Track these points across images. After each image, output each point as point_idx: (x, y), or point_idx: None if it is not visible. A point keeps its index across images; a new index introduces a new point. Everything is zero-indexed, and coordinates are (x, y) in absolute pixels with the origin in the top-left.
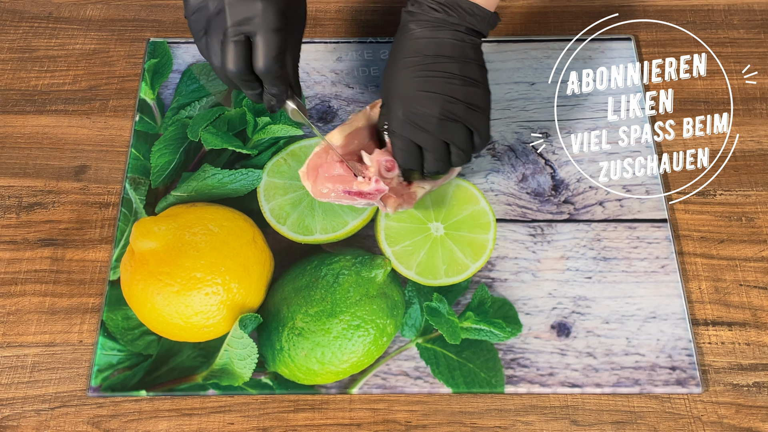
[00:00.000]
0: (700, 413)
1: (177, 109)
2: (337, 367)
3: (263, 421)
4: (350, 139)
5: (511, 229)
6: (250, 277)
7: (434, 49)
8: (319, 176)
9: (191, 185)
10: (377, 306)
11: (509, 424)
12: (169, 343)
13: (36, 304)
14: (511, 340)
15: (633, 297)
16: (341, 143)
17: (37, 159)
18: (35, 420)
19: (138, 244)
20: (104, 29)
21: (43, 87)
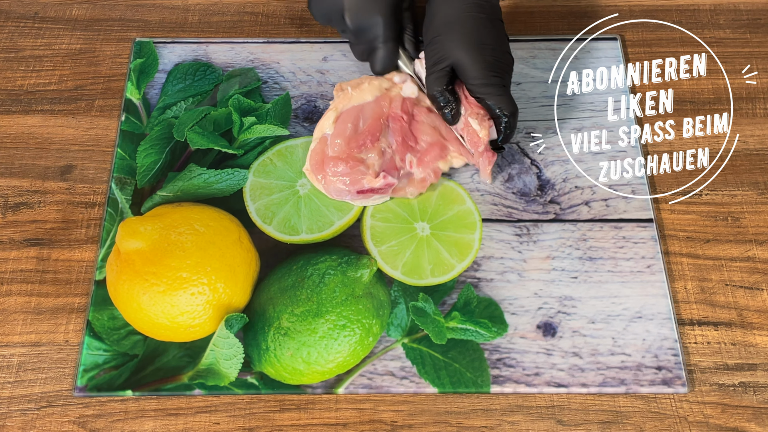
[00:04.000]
0: (686, 413)
1: (163, 108)
2: (323, 367)
3: (249, 421)
4: (343, 124)
5: (497, 229)
6: (236, 277)
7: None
8: (327, 175)
9: (177, 185)
10: (363, 306)
11: (495, 423)
12: (155, 343)
13: (22, 303)
14: (497, 340)
15: (619, 297)
16: (332, 131)
17: (23, 159)
18: (21, 420)
19: (124, 244)
20: (90, 29)
21: (29, 87)
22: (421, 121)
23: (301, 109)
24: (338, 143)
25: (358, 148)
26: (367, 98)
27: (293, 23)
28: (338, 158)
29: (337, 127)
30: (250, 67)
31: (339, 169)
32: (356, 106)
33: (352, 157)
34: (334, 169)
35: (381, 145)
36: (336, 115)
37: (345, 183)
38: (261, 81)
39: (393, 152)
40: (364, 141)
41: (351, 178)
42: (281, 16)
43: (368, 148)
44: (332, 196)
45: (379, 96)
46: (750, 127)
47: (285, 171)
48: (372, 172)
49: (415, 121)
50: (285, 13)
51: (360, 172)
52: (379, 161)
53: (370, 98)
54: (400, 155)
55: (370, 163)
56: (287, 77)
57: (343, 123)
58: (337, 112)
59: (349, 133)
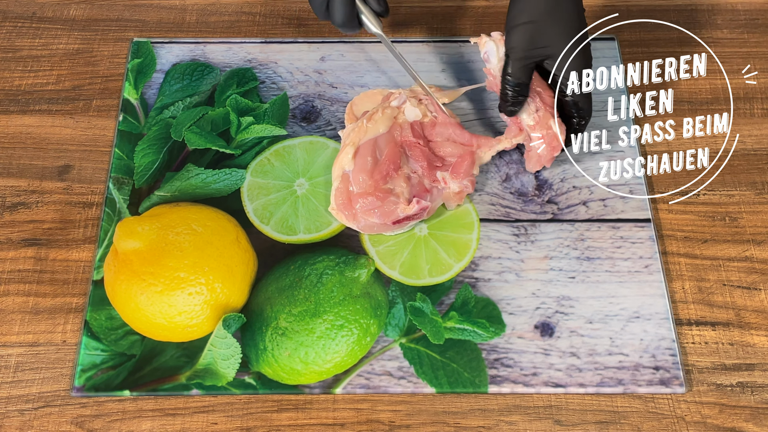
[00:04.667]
0: (684, 413)
1: (160, 108)
2: (320, 366)
3: (247, 421)
4: (362, 158)
5: (495, 229)
6: (234, 277)
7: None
8: (358, 213)
9: (175, 185)
10: (361, 306)
11: (493, 424)
12: (153, 343)
13: (19, 304)
14: (494, 340)
15: (616, 297)
16: (352, 166)
17: (20, 159)
18: (19, 420)
19: (121, 243)
20: (88, 29)
21: (26, 87)
22: (436, 141)
23: (298, 108)
24: (362, 179)
25: (383, 179)
26: (381, 129)
27: (291, 23)
28: (366, 193)
29: (357, 163)
30: (247, 67)
31: (368, 202)
32: (371, 139)
33: (380, 189)
34: (363, 204)
35: (405, 171)
36: (354, 150)
37: (377, 216)
38: (258, 81)
39: (420, 176)
40: (387, 170)
41: (383, 210)
42: (279, 16)
43: (393, 177)
44: (365, 232)
45: (392, 125)
46: (748, 127)
47: (282, 171)
48: (403, 199)
49: (432, 142)
50: (282, 13)
51: (392, 203)
52: (408, 188)
53: (383, 129)
54: (429, 177)
55: (398, 191)
56: (285, 77)
57: (363, 157)
58: (354, 147)
59: (370, 166)
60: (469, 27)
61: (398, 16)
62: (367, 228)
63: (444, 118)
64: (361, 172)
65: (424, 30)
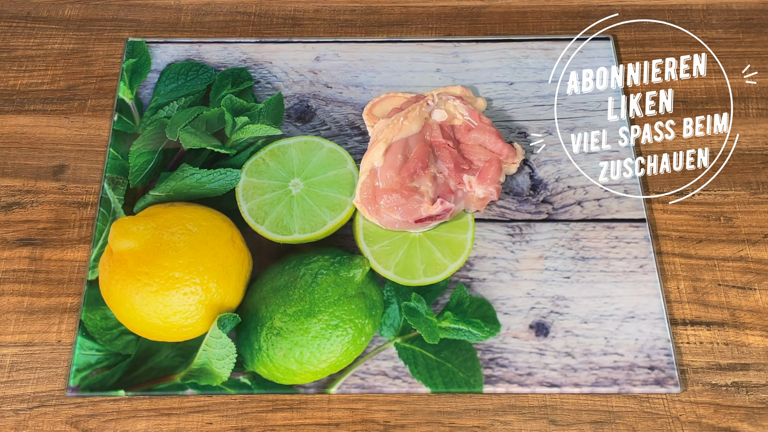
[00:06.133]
0: (679, 413)
1: (155, 108)
2: (315, 366)
3: (242, 420)
4: (393, 156)
5: (490, 229)
6: (229, 277)
7: None
8: (382, 208)
9: (170, 185)
10: (356, 306)
11: (488, 423)
12: (148, 343)
13: (14, 303)
14: (489, 340)
15: (611, 297)
16: (382, 163)
17: (15, 159)
18: (13, 420)
19: (116, 243)
20: (83, 29)
21: (21, 87)
22: (467, 144)
23: (293, 108)
24: (390, 175)
25: (410, 177)
26: (414, 129)
27: (286, 23)
28: (391, 189)
29: (387, 159)
30: (242, 67)
31: (393, 199)
32: (404, 138)
33: (406, 187)
34: (387, 200)
35: (432, 171)
36: (386, 147)
37: (401, 213)
38: (253, 81)
39: (446, 177)
40: (415, 169)
41: (406, 207)
42: (274, 15)
43: (420, 176)
44: (386, 227)
45: (424, 126)
46: (743, 127)
47: (278, 171)
48: (428, 199)
49: (463, 144)
50: (277, 12)
51: (416, 201)
52: (433, 187)
53: (417, 128)
54: (455, 179)
55: (423, 190)
56: (280, 77)
57: (393, 155)
58: (387, 144)
59: (400, 164)
60: (465, 27)
61: (394, 16)
62: (388, 224)
63: (482, 125)
64: (390, 168)
65: (419, 30)
